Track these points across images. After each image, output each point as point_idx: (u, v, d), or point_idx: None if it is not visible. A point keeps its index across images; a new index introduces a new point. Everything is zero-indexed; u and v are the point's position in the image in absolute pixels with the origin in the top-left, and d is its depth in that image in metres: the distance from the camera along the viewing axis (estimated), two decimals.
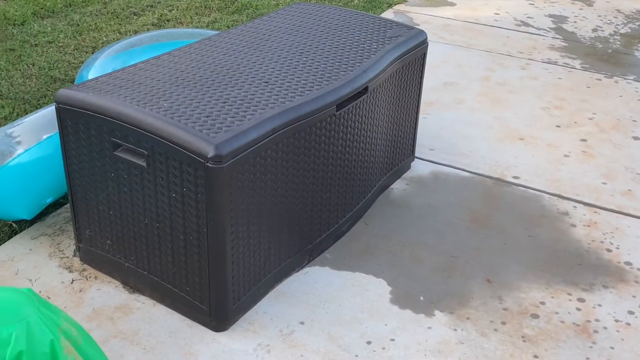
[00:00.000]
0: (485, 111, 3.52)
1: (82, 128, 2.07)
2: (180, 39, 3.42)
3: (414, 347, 2.06)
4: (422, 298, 2.25)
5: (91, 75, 3.00)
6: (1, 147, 2.30)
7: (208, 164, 1.85)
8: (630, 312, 2.24)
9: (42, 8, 4.61)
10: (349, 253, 2.43)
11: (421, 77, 2.83)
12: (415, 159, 3.03)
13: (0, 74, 3.65)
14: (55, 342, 1.36)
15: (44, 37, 4.15)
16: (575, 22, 4.86)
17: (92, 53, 3.96)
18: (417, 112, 2.89)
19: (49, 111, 2.43)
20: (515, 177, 2.96)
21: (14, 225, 2.47)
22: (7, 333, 1.30)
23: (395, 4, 5.04)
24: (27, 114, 3.27)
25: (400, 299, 2.24)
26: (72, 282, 2.23)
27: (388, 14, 4.82)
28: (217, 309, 2.05)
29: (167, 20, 4.54)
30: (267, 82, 2.22)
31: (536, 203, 2.79)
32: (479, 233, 2.58)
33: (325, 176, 2.31)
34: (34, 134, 2.35)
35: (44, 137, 2.34)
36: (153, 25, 4.45)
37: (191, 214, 1.95)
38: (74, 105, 2.06)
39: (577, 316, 2.22)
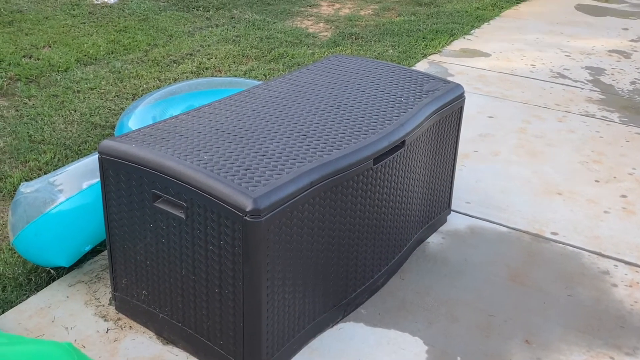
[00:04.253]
0: (522, 164, 3.48)
1: (123, 178, 2.10)
2: (218, 87, 3.48)
3: None
4: (459, 359, 2.20)
5: (131, 122, 3.06)
6: (44, 194, 2.35)
7: (246, 217, 1.85)
8: None
9: (85, 55, 4.75)
10: (384, 309, 2.40)
11: (458, 131, 2.83)
12: (452, 212, 3.00)
13: (43, 119, 3.75)
14: None
15: (86, 84, 4.26)
16: (612, 74, 4.83)
17: (133, 99, 4.05)
18: (453, 166, 2.87)
19: (91, 160, 2.47)
20: (553, 233, 2.90)
21: (52, 271, 2.50)
22: None
23: (430, 54, 5.08)
24: (67, 159, 3.35)
25: (437, 359, 2.19)
26: (107, 332, 2.24)
27: (423, 64, 4.85)
28: None
29: (206, 68, 4.64)
30: (305, 135, 2.23)
31: (575, 261, 2.73)
32: (517, 291, 2.53)
33: (362, 230, 2.30)
34: (76, 182, 2.39)
35: (85, 185, 2.38)
36: (192, 73, 4.54)
37: (227, 267, 1.95)
38: (117, 156, 2.09)
39: None
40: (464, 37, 5.58)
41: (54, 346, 1.38)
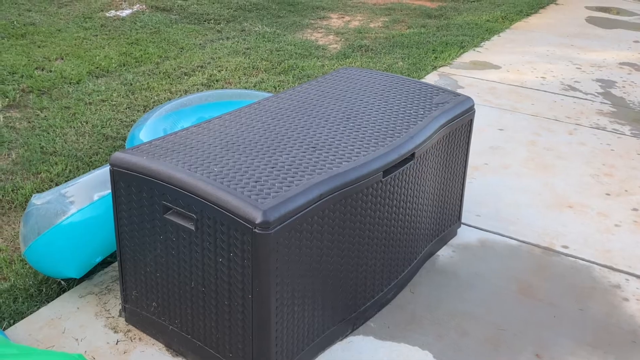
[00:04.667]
0: (533, 177, 3.47)
1: (134, 190, 2.12)
2: (229, 99, 3.50)
3: None
4: None
5: (142, 134, 3.08)
6: (55, 206, 2.36)
7: (255, 229, 1.86)
8: None
9: (97, 67, 4.79)
10: (394, 323, 2.39)
11: (468, 144, 2.82)
12: (462, 225, 2.99)
13: (55, 131, 3.78)
14: None
15: (98, 96, 4.29)
16: (623, 87, 4.82)
17: (144, 111, 4.08)
18: (464, 178, 2.87)
19: (102, 172, 2.49)
20: (564, 247, 2.89)
21: (63, 282, 2.51)
22: None
23: (440, 67, 5.08)
24: (79, 170, 3.37)
25: None
26: (117, 343, 2.24)
27: (433, 77, 4.86)
28: None
29: (216, 81, 4.66)
30: (314, 148, 2.24)
31: (586, 274, 2.71)
32: (528, 304, 2.52)
33: (371, 242, 2.29)
34: (87, 194, 2.40)
35: (96, 197, 2.39)
36: (203, 85, 4.57)
37: (237, 280, 1.95)
38: (128, 169, 2.10)
39: None
40: (474, 50, 5.58)
41: (66, 358, 1.38)
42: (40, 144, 3.61)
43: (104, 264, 2.63)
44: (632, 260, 2.81)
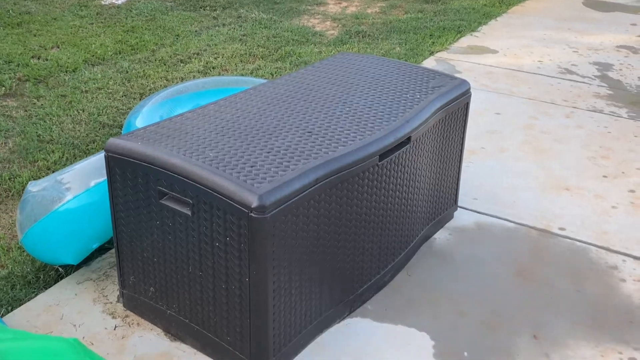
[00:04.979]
0: (530, 160, 3.47)
1: (129, 176, 2.12)
2: (225, 86, 3.49)
3: None
4: (466, 354, 2.20)
5: (139, 121, 3.08)
6: (51, 192, 2.36)
7: (252, 214, 1.86)
8: None
9: (93, 56, 4.78)
10: (391, 305, 2.40)
11: (464, 127, 2.82)
12: (459, 208, 3.00)
13: (51, 119, 3.77)
14: None
15: (94, 84, 4.28)
16: (620, 69, 4.81)
17: (140, 99, 4.07)
18: (460, 162, 2.87)
19: (98, 159, 2.49)
20: (561, 229, 2.89)
21: (60, 269, 2.52)
22: None
23: (437, 52, 5.07)
24: (76, 158, 3.37)
25: (444, 354, 2.19)
26: (115, 329, 2.25)
27: (430, 62, 4.84)
28: None
29: (213, 68, 4.65)
30: (310, 132, 2.24)
31: (583, 256, 2.72)
32: (525, 286, 2.53)
33: (368, 226, 2.30)
34: (83, 180, 2.40)
35: (92, 184, 2.39)
36: (199, 72, 4.56)
37: (234, 264, 1.95)
38: (123, 154, 2.10)
39: None
40: (471, 34, 5.57)
41: (60, 342, 1.39)
42: (37, 132, 3.61)
43: (102, 250, 2.64)
44: (629, 242, 2.81)
